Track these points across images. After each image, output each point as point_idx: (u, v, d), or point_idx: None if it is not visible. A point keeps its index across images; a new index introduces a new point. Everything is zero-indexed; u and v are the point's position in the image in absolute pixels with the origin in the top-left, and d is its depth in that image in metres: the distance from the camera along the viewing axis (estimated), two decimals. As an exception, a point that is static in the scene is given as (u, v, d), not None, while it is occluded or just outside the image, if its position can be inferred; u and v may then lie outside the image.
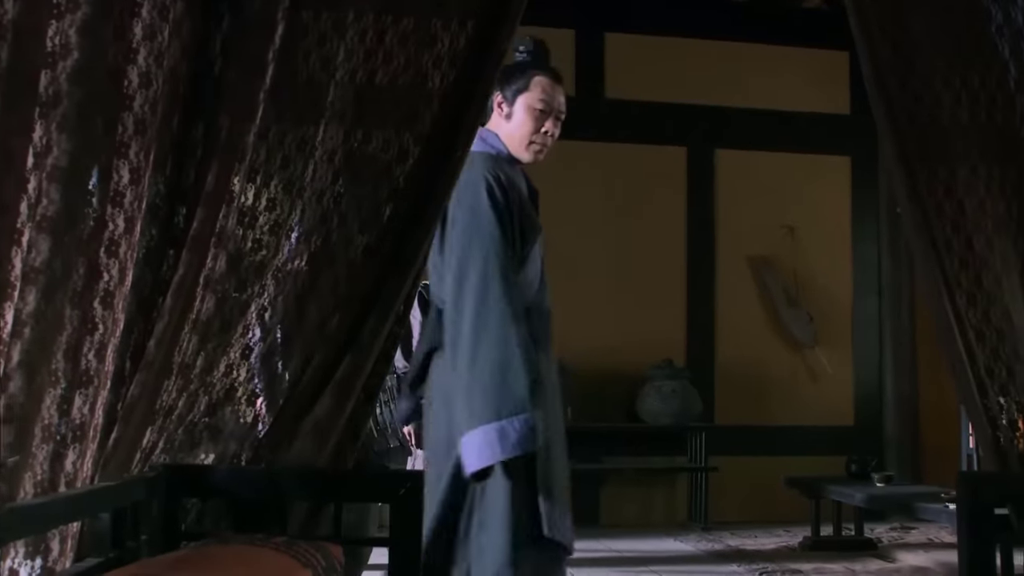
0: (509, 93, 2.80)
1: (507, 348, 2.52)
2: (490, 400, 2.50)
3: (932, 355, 7.49)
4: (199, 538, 2.26)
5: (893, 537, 6.48)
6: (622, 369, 7.05)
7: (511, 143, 2.83)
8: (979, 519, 2.49)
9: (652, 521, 7.13)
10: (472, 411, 2.51)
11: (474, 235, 2.59)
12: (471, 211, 2.60)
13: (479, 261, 2.57)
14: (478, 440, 2.49)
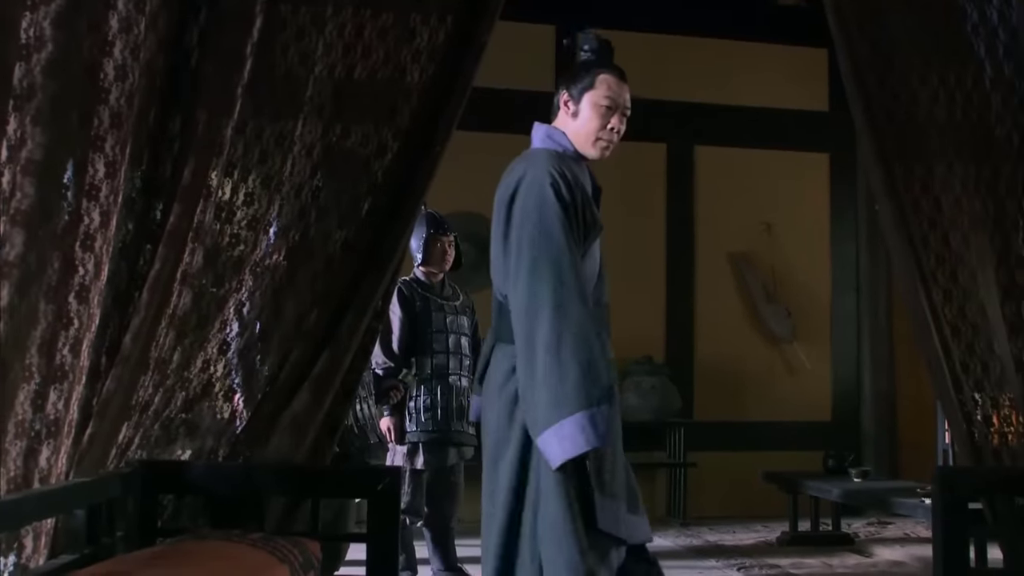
0: (575, 91, 2.76)
1: (589, 345, 2.46)
2: (573, 396, 2.42)
3: (909, 351, 7.52)
4: (176, 534, 2.26)
5: (870, 532, 6.52)
6: (601, 365, 7.06)
7: (578, 140, 2.80)
8: (954, 513, 2.51)
9: (631, 517, 7.12)
10: (555, 406, 2.41)
11: (542, 233, 2.52)
12: (537, 209, 2.55)
13: (551, 258, 2.51)
14: (565, 432, 2.40)
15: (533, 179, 2.59)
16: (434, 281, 4.90)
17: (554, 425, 2.39)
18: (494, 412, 2.62)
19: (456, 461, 4.80)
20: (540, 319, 2.45)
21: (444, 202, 6.21)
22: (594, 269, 2.84)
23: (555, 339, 2.44)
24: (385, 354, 4.69)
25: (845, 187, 7.68)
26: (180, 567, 1.78)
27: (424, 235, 4.80)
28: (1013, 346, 2.69)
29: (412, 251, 4.83)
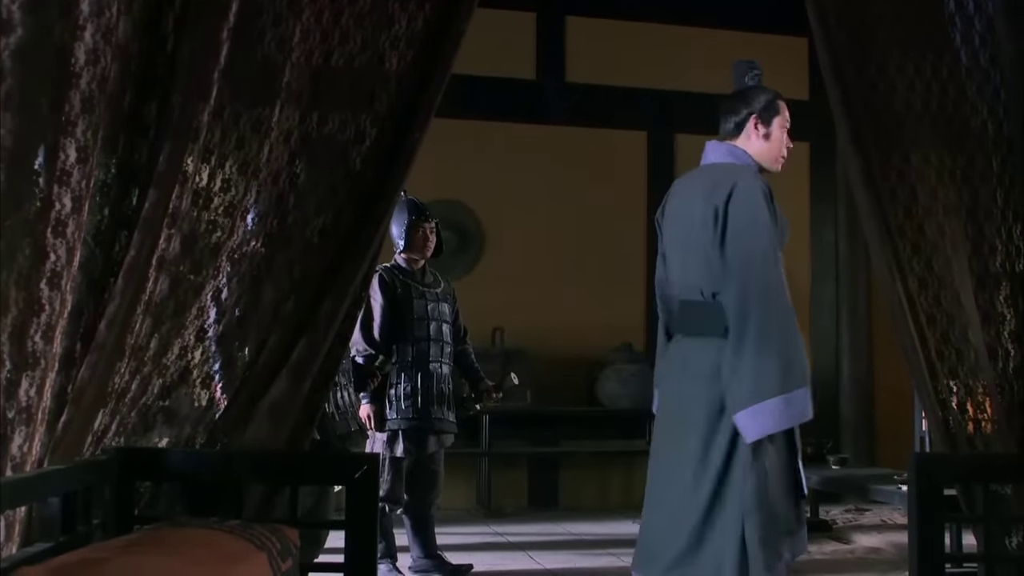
0: (766, 116, 3.14)
1: (793, 337, 2.93)
2: (799, 374, 2.94)
3: (887, 339, 7.54)
4: (153, 522, 2.25)
5: (848, 519, 6.57)
6: (581, 353, 7.08)
7: (763, 157, 3.13)
8: (929, 500, 2.53)
9: (610, 504, 7.17)
10: (761, 387, 2.85)
11: (761, 238, 2.90)
12: (753, 220, 2.90)
13: (766, 264, 2.90)
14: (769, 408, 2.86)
15: (747, 190, 2.93)
16: (415, 268, 4.89)
17: (785, 394, 2.88)
18: (701, 400, 2.92)
19: (436, 449, 4.80)
20: (770, 311, 2.85)
21: (424, 189, 6.19)
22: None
23: (778, 328, 2.87)
24: (366, 341, 4.68)
25: (825, 176, 7.71)
26: (156, 554, 1.77)
27: (406, 221, 4.79)
28: (986, 334, 2.71)
29: (394, 238, 4.82)
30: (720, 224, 2.91)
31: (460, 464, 6.83)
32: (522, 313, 7.05)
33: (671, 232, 3.13)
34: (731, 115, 3.19)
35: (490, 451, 6.85)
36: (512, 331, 7.00)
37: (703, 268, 2.97)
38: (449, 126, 7.15)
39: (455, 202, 7.16)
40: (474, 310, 6.63)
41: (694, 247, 2.99)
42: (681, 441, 2.96)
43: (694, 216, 2.98)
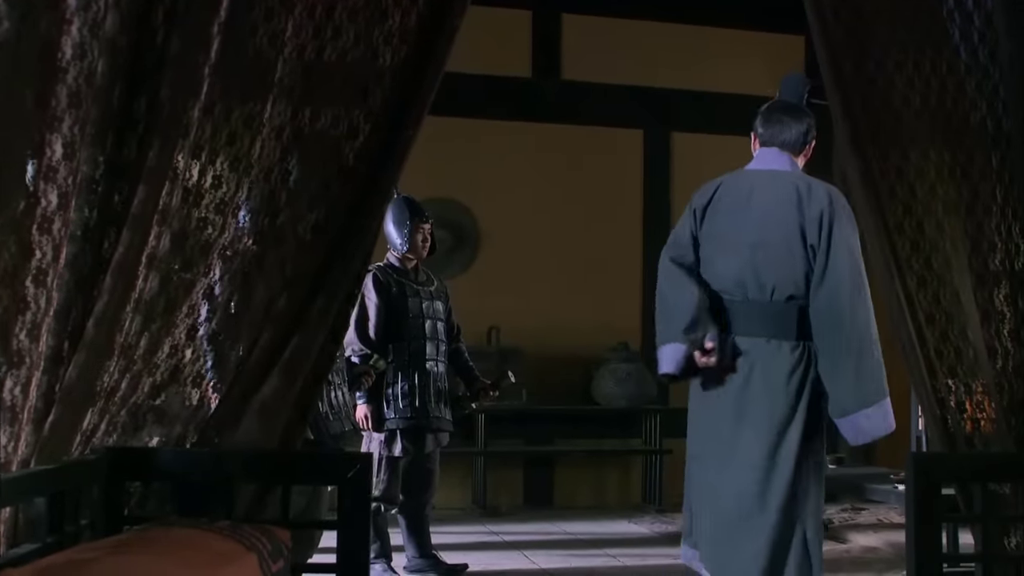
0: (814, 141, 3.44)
1: (878, 344, 3.19)
2: (882, 384, 3.23)
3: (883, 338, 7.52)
4: (143, 522, 2.21)
5: (844, 518, 6.55)
6: (577, 351, 7.06)
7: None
8: (927, 500, 2.50)
9: (606, 503, 7.15)
10: (879, 391, 3.23)
11: (859, 254, 3.13)
12: (855, 231, 3.13)
13: (864, 276, 3.17)
14: (879, 413, 3.21)
15: (846, 205, 3.16)
16: (409, 267, 4.86)
17: (883, 401, 3.22)
18: (779, 401, 3.09)
19: (433, 447, 4.78)
20: (872, 321, 3.17)
21: (419, 188, 6.14)
22: None
23: (876, 337, 3.19)
24: (361, 340, 4.65)
25: (823, 172, 7.62)
26: (144, 555, 1.73)
27: (408, 223, 4.75)
28: (986, 333, 2.68)
29: (391, 238, 4.79)
30: (825, 238, 3.09)
31: (456, 463, 6.81)
32: (518, 312, 7.01)
33: (725, 227, 3.19)
34: (794, 129, 3.36)
35: (486, 450, 6.82)
36: (508, 330, 6.97)
37: (785, 270, 3.11)
38: (445, 124, 7.11)
39: (450, 201, 7.12)
40: (470, 309, 6.56)
41: (775, 248, 3.12)
42: (744, 445, 3.12)
43: (779, 219, 3.13)
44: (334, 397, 3.80)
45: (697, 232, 3.24)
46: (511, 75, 7.33)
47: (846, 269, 3.10)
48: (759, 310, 3.13)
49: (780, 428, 3.08)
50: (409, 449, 4.67)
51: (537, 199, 7.23)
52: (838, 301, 3.09)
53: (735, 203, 3.20)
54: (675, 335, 3.16)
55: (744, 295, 3.15)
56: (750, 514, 3.07)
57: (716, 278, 3.20)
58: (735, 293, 3.16)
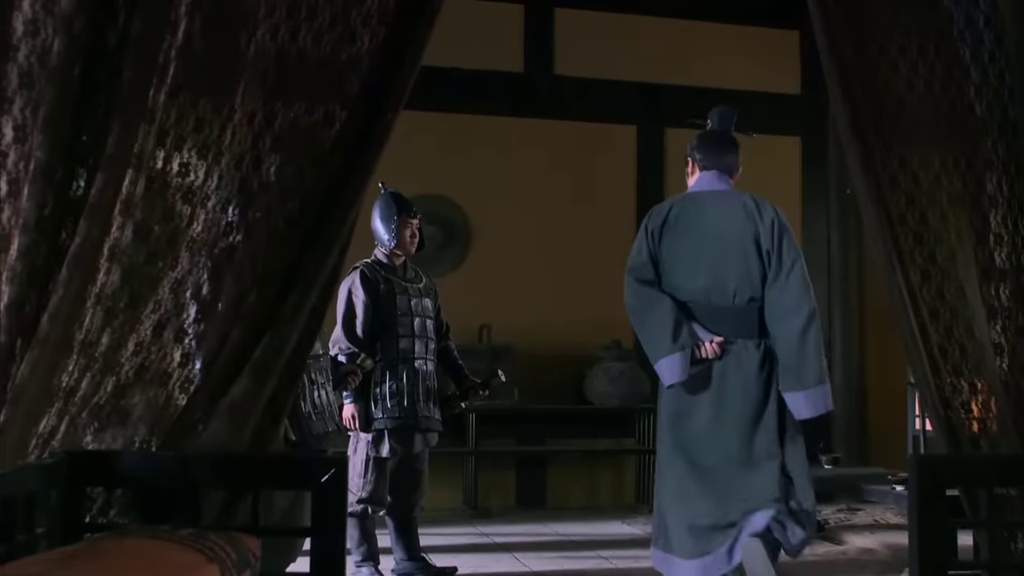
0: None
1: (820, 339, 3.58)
2: (819, 369, 3.48)
3: (880, 336, 7.42)
4: (105, 530, 2.08)
5: (840, 519, 6.41)
6: (569, 350, 6.90)
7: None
8: (931, 504, 2.37)
9: (599, 504, 7.00)
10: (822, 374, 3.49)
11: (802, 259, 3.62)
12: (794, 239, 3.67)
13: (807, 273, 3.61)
14: (816, 395, 3.45)
15: (783, 214, 3.66)
16: (397, 263, 4.72)
17: (823, 385, 3.47)
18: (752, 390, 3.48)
19: (422, 448, 4.64)
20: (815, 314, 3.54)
21: (410, 184, 6.00)
22: None
23: (811, 332, 3.51)
24: (349, 338, 4.52)
25: (816, 171, 7.56)
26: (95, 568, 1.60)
27: (395, 218, 4.62)
28: (991, 329, 2.56)
29: (379, 234, 4.66)
30: (777, 242, 3.52)
31: (446, 463, 6.66)
32: (509, 310, 6.87)
33: (684, 244, 3.56)
34: (730, 156, 3.80)
35: (477, 450, 6.67)
36: (499, 328, 6.83)
37: (744, 275, 3.52)
38: (435, 120, 7.00)
39: (441, 197, 6.98)
40: (460, 307, 6.40)
41: (733, 258, 3.52)
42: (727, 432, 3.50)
43: (735, 230, 3.54)
44: (317, 397, 3.65)
45: (655, 251, 3.62)
46: (503, 70, 7.20)
47: (797, 269, 3.54)
48: (724, 313, 3.52)
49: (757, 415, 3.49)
50: (397, 449, 4.53)
51: (529, 196, 7.08)
52: (791, 294, 3.50)
53: (692, 221, 3.58)
54: (667, 348, 3.49)
55: (709, 301, 3.53)
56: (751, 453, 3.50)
57: (680, 290, 3.56)
58: (701, 300, 3.53)
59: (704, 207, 3.62)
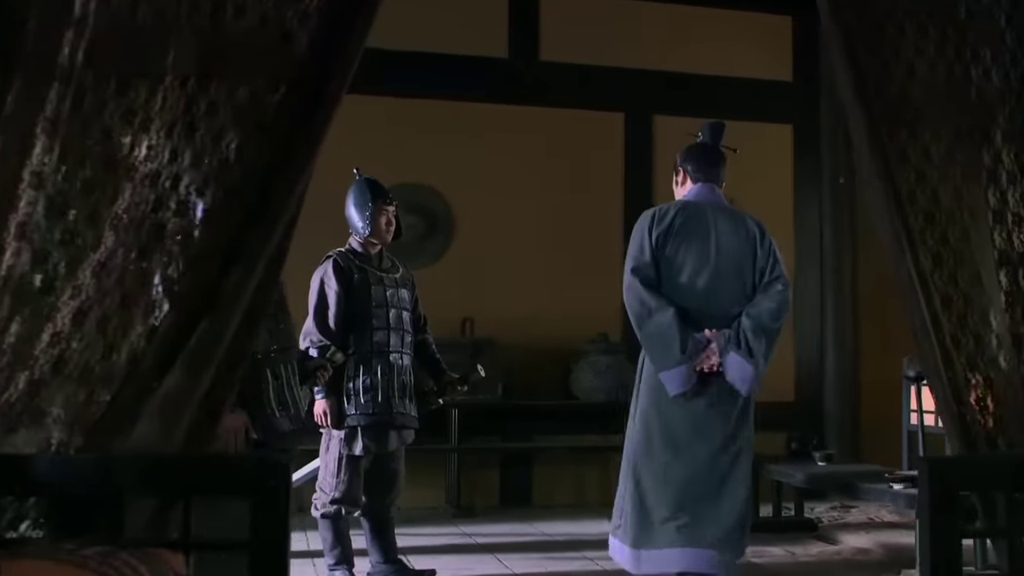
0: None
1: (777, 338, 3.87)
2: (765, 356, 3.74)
3: (873, 329, 7.17)
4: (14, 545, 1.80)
5: (833, 517, 6.17)
6: (555, 344, 6.61)
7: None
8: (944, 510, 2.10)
9: (586, 502, 6.73)
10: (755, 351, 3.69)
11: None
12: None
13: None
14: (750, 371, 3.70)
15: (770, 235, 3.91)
16: (372, 252, 4.46)
17: (759, 371, 3.73)
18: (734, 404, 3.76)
19: (397, 445, 4.38)
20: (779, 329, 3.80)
21: (391, 172, 5.73)
22: None
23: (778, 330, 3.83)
24: (321, 331, 4.26)
25: (809, 159, 7.31)
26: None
27: (369, 204, 4.36)
28: (1010, 318, 2.29)
29: (353, 221, 4.41)
30: (771, 264, 3.80)
31: (428, 461, 6.41)
32: (493, 302, 6.61)
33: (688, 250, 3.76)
34: (722, 169, 3.96)
35: (459, 447, 6.41)
36: (482, 321, 6.56)
37: (739, 293, 3.76)
38: (418, 106, 6.72)
39: (423, 186, 6.72)
40: (442, 299, 6.20)
41: (732, 271, 3.77)
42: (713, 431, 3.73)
43: (735, 246, 3.78)
44: (281, 392, 3.37)
45: (657, 254, 3.76)
46: (487, 55, 6.92)
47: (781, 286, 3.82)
48: (718, 322, 3.71)
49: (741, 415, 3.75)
50: (371, 447, 4.27)
51: (514, 184, 6.81)
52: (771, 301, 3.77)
53: (696, 229, 3.77)
54: (676, 360, 3.66)
55: (703, 309, 3.72)
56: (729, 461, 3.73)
57: (680, 295, 3.73)
58: (698, 308, 3.72)
59: (706, 218, 3.80)
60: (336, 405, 4.24)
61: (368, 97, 6.55)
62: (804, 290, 7.25)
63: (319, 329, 4.27)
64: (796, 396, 7.19)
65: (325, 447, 4.36)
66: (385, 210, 4.43)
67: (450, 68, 6.74)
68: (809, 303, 7.25)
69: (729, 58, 7.09)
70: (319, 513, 4.28)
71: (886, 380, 6.84)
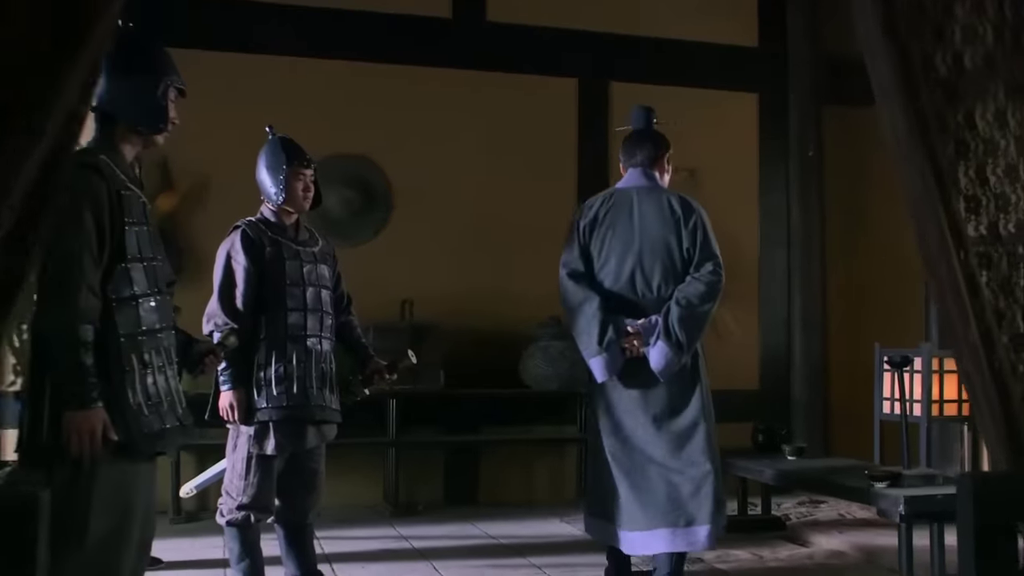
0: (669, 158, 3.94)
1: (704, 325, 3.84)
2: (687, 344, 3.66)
3: (843, 310, 6.66)
4: None
5: (802, 513, 5.58)
6: (503, 328, 5.91)
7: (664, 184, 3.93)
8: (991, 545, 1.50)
9: (537, 499, 6.07)
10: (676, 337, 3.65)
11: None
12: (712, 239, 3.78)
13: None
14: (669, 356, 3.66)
15: (703, 212, 3.77)
16: (287, 222, 3.79)
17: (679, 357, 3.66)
18: (672, 384, 3.71)
19: (317, 443, 3.74)
20: (708, 313, 3.71)
21: (325, 141, 5.16)
22: None
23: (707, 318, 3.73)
24: (226, 312, 3.60)
25: (775, 130, 6.70)
26: None
27: (283, 167, 3.71)
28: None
29: (265, 186, 3.76)
30: (700, 235, 3.70)
31: (365, 456, 5.78)
32: (436, 283, 5.96)
33: (612, 239, 3.74)
34: (645, 148, 3.85)
35: (398, 440, 5.75)
36: (424, 303, 5.88)
37: (667, 269, 3.70)
38: (355, 70, 6.03)
39: (360, 157, 6.05)
40: (380, 279, 5.66)
41: (658, 253, 3.70)
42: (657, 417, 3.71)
43: (659, 227, 3.71)
44: (152, 384, 2.68)
45: (588, 245, 3.77)
46: (430, 15, 6.25)
47: (711, 267, 3.70)
48: (651, 305, 3.68)
49: (681, 392, 3.70)
50: (285, 445, 3.63)
51: (459, 155, 6.15)
52: (698, 284, 3.66)
53: (620, 217, 3.74)
54: (594, 351, 3.67)
55: (635, 293, 3.69)
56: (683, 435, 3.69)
57: (610, 283, 3.72)
58: (629, 294, 3.70)
59: (630, 202, 3.76)
60: (244, 397, 3.60)
61: (300, 60, 5.90)
62: (770, 270, 6.69)
63: (225, 310, 3.62)
64: (761, 384, 6.61)
65: (232, 445, 3.71)
66: (302, 174, 3.78)
67: (389, 29, 6.07)
68: (775, 283, 6.67)
69: (690, 22, 6.48)
70: (224, 520, 3.64)
71: (857, 366, 6.34)
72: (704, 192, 6.39)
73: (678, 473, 3.61)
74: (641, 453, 3.65)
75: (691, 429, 3.66)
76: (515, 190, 6.20)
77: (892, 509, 3.76)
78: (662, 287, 3.68)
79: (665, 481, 3.61)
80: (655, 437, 3.64)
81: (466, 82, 6.19)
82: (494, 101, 6.24)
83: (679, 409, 3.68)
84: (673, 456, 3.63)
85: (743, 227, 6.58)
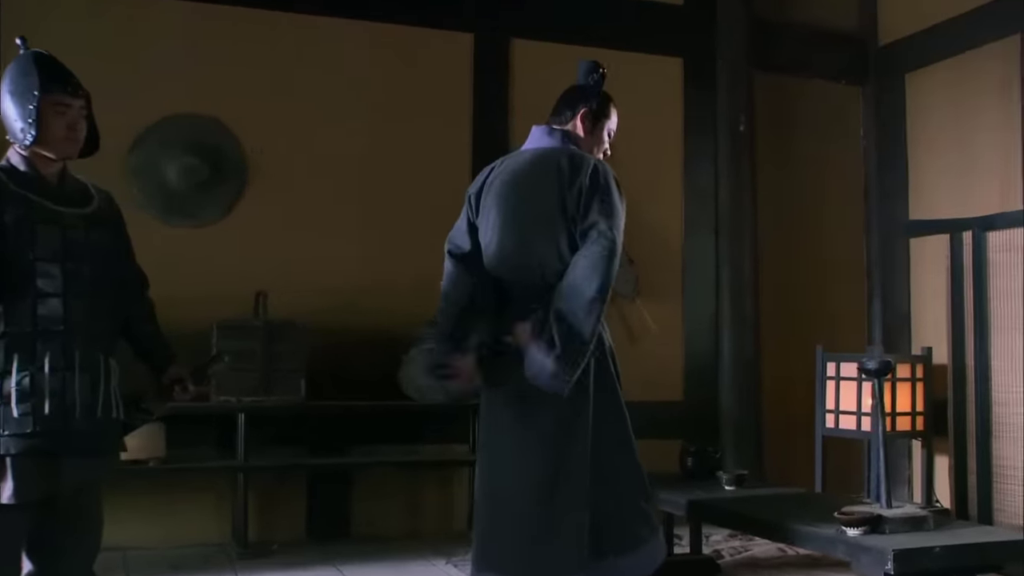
0: (593, 115, 3.05)
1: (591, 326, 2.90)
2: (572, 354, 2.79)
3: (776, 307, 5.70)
4: None
5: (735, 549, 4.52)
6: (379, 327, 4.72)
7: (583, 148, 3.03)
8: None
9: (421, 532, 4.92)
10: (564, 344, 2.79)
11: (618, 233, 2.81)
12: (615, 192, 2.85)
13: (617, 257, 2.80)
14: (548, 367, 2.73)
15: (604, 167, 2.90)
16: (45, 172, 2.62)
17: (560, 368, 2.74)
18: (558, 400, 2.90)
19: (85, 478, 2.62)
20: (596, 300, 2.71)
21: (166, 99, 4.29)
22: None
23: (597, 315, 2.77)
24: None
25: (702, 99, 5.75)
26: None
27: (35, 93, 2.57)
28: None
29: (10, 122, 2.58)
30: (584, 208, 2.79)
31: (205, 483, 4.62)
32: (297, 272, 4.83)
33: (495, 210, 2.94)
34: (564, 108, 3.08)
35: (247, 464, 4.54)
36: (282, 296, 4.70)
37: (551, 248, 2.83)
38: (207, 14, 4.80)
39: (209, 118, 4.87)
40: (229, 266, 4.58)
41: (541, 227, 2.84)
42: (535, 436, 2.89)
43: (544, 196, 2.85)
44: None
45: (474, 218, 3.03)
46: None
47: (605, 222, 2.78)
48: (534, 295, 2.81)
49: (572, 411, 2.83)
50: (31, 488, 2.45)
51: (330, 120, 4.99)
52: (581, 266, 2.72)
53: (504, 184, 2.97)
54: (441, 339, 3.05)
55: (516, 278, 2.88)
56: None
57: (491, 266, 2.95)
58: (510, 278, 2.90)
59: (518, 166, 2.98)
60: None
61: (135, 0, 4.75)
62: (696, 259, 5.70)
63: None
64: (686, 394, 5.58)
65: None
66: (65, 105, 2.61)
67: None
68: (701, 275, 5.67)
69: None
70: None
71: (790, 367, 5.44)
72: (619, 169, 5.37)
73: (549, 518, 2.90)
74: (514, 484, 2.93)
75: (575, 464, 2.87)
76: (397, 162, 5.13)
77: (875, 568, 2.69)
78: (546, 270, 2.81)
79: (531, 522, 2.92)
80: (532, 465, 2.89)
81: (344, 35, 5.03)
82: (375, 57, 5.15)
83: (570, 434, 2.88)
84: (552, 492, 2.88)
85: (666, 209, 5.61)
